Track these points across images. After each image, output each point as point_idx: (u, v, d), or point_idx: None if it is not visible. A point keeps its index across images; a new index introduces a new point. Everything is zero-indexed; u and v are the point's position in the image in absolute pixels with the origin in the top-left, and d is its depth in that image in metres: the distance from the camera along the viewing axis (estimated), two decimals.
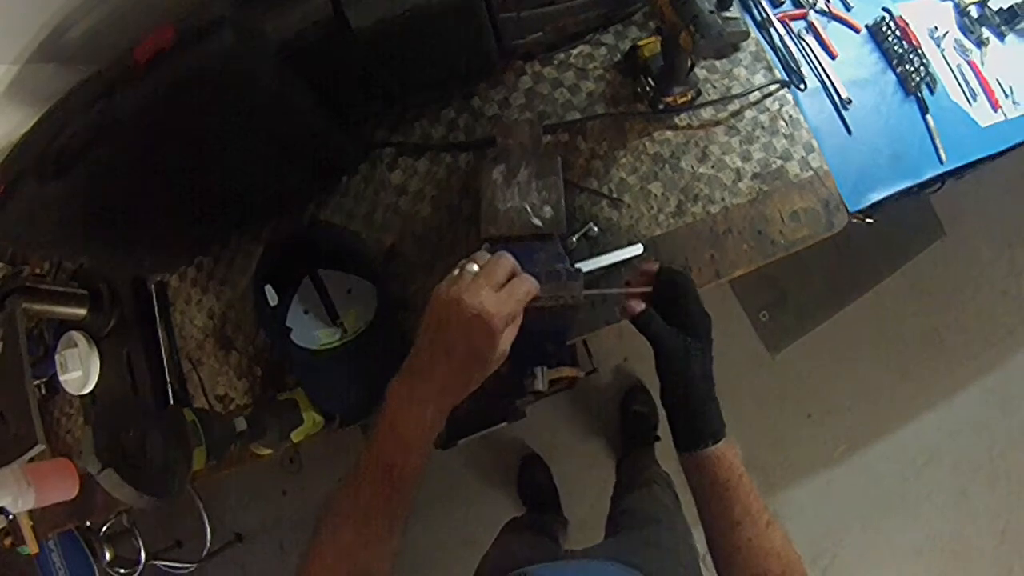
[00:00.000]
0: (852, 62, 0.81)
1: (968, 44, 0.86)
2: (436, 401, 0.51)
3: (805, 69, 0.79)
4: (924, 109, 0.82)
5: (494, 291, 0.50)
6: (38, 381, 1.05)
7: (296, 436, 0.77)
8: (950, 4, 0.87)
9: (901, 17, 0.83)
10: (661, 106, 0.73)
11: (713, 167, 0.74)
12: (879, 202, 0.80)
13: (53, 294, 0.94)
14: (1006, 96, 0.86)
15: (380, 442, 0.52)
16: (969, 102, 0.85)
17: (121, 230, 0.77)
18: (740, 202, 0.73)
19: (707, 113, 0.74)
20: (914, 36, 0.82)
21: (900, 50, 0.82)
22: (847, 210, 0.75)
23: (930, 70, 0.82)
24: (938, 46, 0.85)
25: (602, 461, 1.80)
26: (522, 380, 0.65)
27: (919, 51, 0.82)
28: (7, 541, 1.45)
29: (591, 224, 0.71)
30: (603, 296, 0.68)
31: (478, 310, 0.49)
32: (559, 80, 0.77)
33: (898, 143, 0.81)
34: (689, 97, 0.73)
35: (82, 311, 0.96)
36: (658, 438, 1.65)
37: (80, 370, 0.97)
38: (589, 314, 0.71)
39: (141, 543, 1.76)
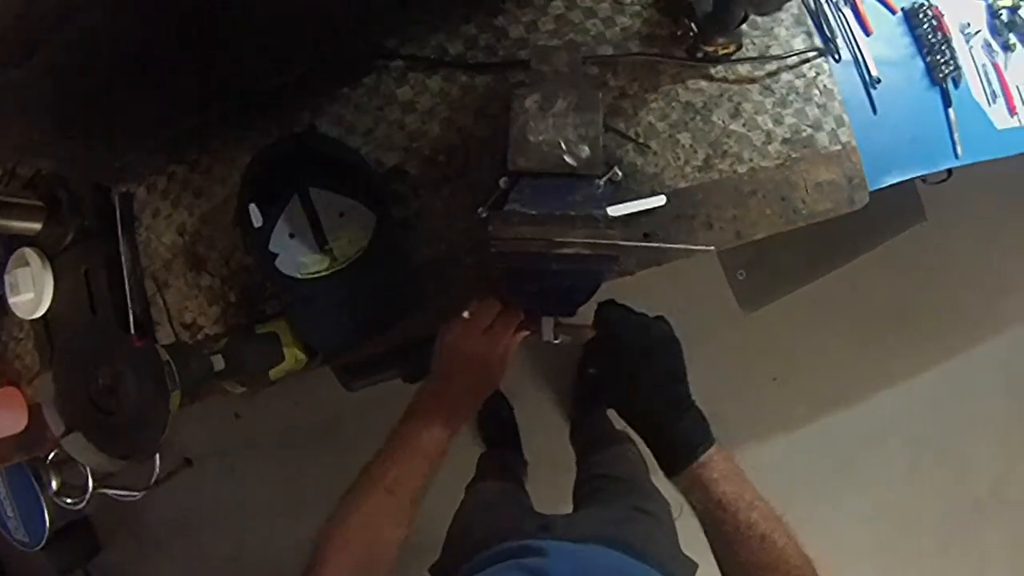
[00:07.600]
0: (885, 41, 0.80)
1: (995, 46, 0.86)
2: (453, 411, 0.62)
3: (840, 41, 0.77)
4: (948, 102, 0.82)
5: (482, 334, 0.61)
6: None
7: (275, 374, 0.69)
8: (983, 3, 0.86)
9: (937, 7, 0.82)
10: (700, 54, 0.69)
11: (744, 125, 0.71)
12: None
13: (4, 205, 0.83)
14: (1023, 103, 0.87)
15: (412, 425, 0.61)
16: (989, 103, 0.85)
17: (93, 121, 0.68)
18: (768, 165, 0.70)
19: (744, 69, 0.71)
20: (947, 28, 0.81)
21: (932, 39, 0.81)
22: (867, 189, 0.74)
23: (958, 64, 0.81)
24: (967, 42, 0.85)
25: (561, 405, 1.78)
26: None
27: (950, 43, 0.81)
28: None
29: (616, 169, 0.66)
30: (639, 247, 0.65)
31: (471, 353, 0.61)
32: (593, 10, 0.72)
33: (920, 130, 0.80)
34: (731, 49, 0.69)
35: (36, 225, 0.85)
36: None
37: (32, 292, 0.86)
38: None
39: (88, 470, 1.62)
